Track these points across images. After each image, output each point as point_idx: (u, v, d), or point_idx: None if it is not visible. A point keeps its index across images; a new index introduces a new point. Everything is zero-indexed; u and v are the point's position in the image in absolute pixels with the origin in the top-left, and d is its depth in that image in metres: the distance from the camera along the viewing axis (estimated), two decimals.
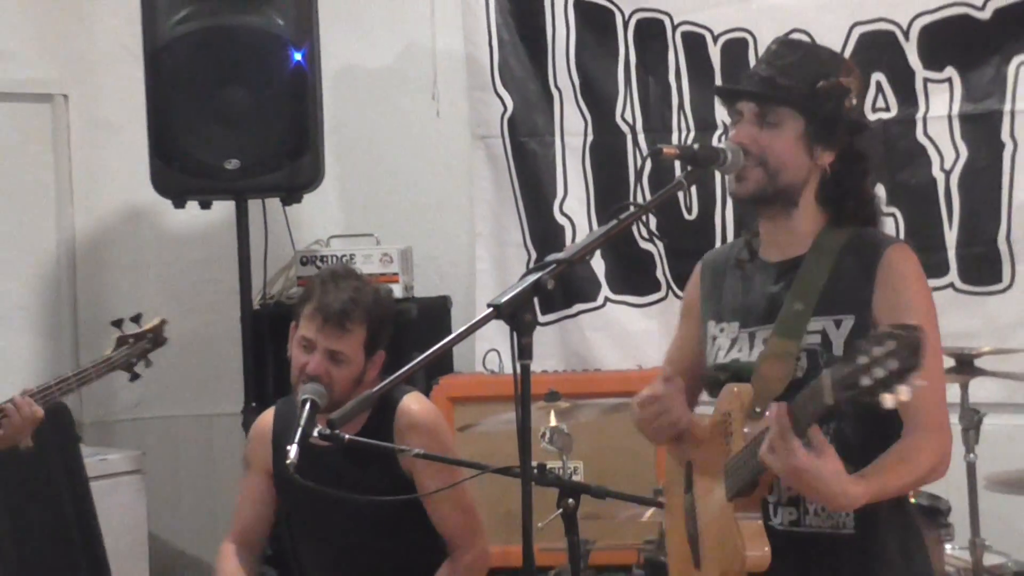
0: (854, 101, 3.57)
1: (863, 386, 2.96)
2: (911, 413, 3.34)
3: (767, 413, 3.31)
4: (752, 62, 6.03)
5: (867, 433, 3.37)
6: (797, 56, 3.63)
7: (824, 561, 3.51)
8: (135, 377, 4.96)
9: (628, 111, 6.43)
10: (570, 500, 4.14)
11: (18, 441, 4.81)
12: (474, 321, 3.46)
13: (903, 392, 2.91)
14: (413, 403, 4.53)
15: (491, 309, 3.27)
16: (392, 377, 3.67)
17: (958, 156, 5.90)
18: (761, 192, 3.54)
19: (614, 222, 3.60)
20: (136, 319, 4.97)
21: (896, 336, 2.94)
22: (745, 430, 3.41)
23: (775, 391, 3.41)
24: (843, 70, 3.59)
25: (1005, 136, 5.78)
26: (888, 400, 2.93)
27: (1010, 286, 5.81)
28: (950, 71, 5.89)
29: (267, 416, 4.73)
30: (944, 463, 3.42)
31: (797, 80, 3.55)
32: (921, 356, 2.91)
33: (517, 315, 3.25)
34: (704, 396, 3.86)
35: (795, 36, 5.77)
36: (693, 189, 6.07)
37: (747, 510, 3.45)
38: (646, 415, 3.66)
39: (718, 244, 6.22)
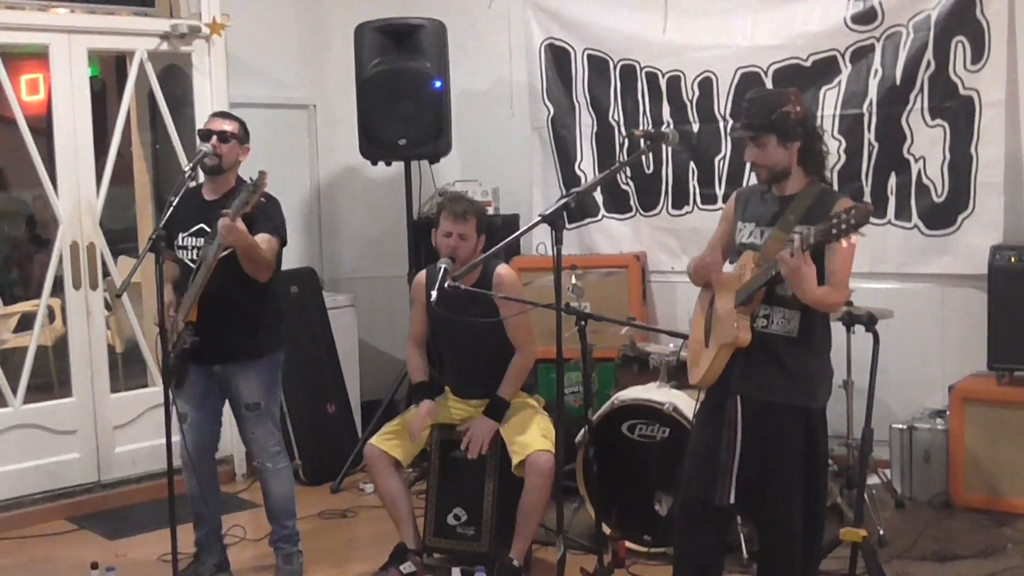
0: (797, 109, 3.56)
1: (832, 234, 3.22)
2: (834, 278, 3.50)
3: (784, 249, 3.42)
4: (684, 92, 6.12)
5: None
6: (757, 105, 3.62)
7: (777, 349, 3.59)
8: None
9: (616, 114, 6.38)
10: (582, 322, 4.23)
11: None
12: (531, 224, 3.71)
13: (853, 238, 3.22)
14: (502, 269, 4.59)
15: (540, 218, 3.53)
16: (487, 253, 3.98)
17: None
18: (769, 179, 3.61)
19: (607, 172, 3.86)
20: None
21: (856, 208, 3.19)
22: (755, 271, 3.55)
23: (771, 256, 3.48)
24: (784, 99, 3.60)
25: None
26: (843, 242, 3.24)
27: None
28: None
29: (421, 274, 4.74)
30: (841, 303, 3.61)
31: (762, 117, 3.57)
32: (867, 219, 3.18)
33: (555, 221, 3.49)
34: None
35: (705, 75, 6.00)
36: (650, 155, 6.22)
37: (743, 315, 3.57)
38: (701, 267, 3.80)
39: (664, 190, 6.27)
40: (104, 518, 5.68)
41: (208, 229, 4.41)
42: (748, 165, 3.75)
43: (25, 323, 7.16)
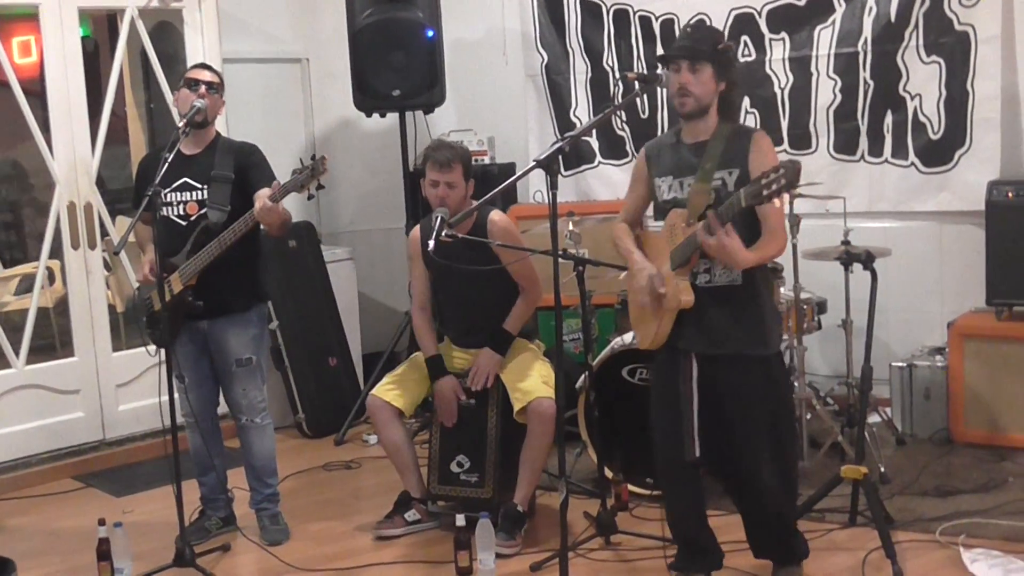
0: (735, 53, 3.64)
1: (764, 195, 3.10)
2: (768, 225, 3.47)
3: (699, 223, 3.38)
4: (678, 35, 6.14)
5: (747, 235, 3.41)
6: (703, 32, 3.66)
7: (725, 300, 3.57)
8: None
9: (610, 59, 6.39)
10: (580, 267, 4.29)
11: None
12: (527, 168, 3.61)
13: (784, 199, 3.13)
14: (497, 216, 4.53)
15: (535, 163, 3.46)
16: (483, 199, 3.90)
17: (788, 80, 5.80)
18: (693, 111, 3.56)
19: (600, 115, 3.73)
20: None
21: (785, 167, 3.07)
22: (686, 231, 3.49)
23: (699, 211, 3.45)
24: (724, 37, 3.64)
25: (812, 69, 5.72)
26: (776, 203, 3.13)
27: (815, 150, 5.77)
28: (783, 34, 5.78)
29: (416, 230, 4.68)
30: (782, 250, 3.55)
31: (708, 45, 3.55)
32: (798, 179, 3.06)
33: (550, 166, 3.42)
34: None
35: (699, 17, 5.83)
36: (645, 98, 6.26)
37: (681, 276, 3.55)
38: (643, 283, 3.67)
39: (659, 133, 6.17)
40: (110, 475, 5.69)
41: (194, 183, 4.40)
42: (668, 98, 3.62)
43: (26, 286, 7.13)
